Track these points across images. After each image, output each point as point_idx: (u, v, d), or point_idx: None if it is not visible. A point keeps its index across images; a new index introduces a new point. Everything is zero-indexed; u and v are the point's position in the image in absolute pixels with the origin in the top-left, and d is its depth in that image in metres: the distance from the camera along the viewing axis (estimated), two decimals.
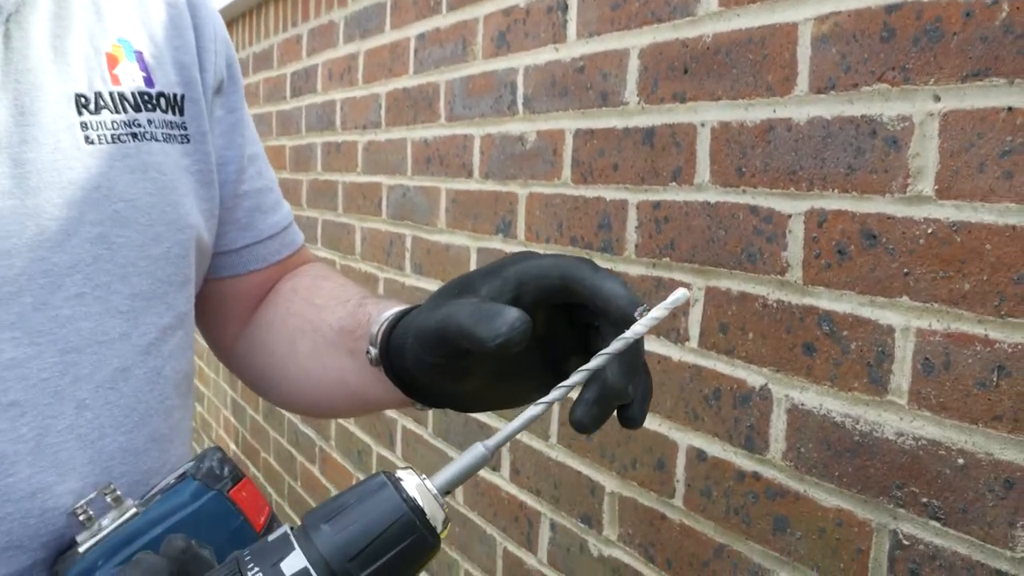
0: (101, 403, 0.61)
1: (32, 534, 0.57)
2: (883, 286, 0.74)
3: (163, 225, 0.65)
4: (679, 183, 0.95)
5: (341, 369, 0.70)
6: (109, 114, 0.63)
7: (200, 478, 0.58)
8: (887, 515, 0.74)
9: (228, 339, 0.83)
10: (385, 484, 0.43)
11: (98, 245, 0.61)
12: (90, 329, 0.60)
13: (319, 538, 0.42)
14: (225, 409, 2.91)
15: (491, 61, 1.30)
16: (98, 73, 0.63)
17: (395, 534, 0.42)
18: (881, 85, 0.73)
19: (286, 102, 2.23)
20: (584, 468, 1.12)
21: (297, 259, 0.83)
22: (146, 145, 0.65)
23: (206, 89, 0.72)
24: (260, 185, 0.79)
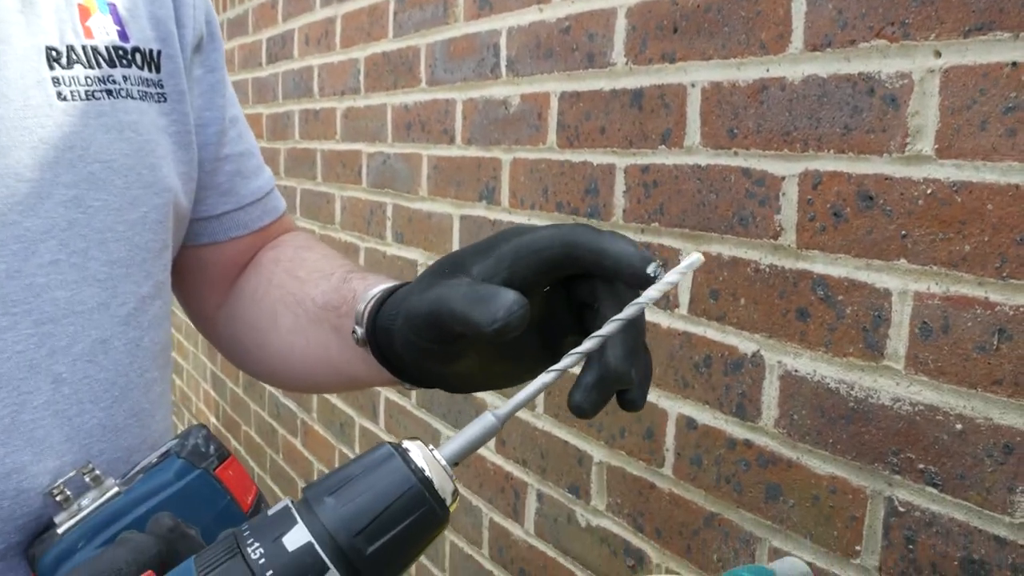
0: (79, 377, 0.58)
1: (6, 516, 0.55)
2: (880, 249, 0.72)
3: (140, 188, 0.62)
4: (668, 146, 0.93)
5: (325, 345, 0.67)
6: (82, 69, 0.59)
7: (185, 456, 0.56)
8: (882, 482, 0.73)
9: (208, 309, 0.80)
10: (392, 455, 0.40)
11: (73, 209, 0.58)
12: (66, 298, 0.57)
13: (323, 511, 0.39)
14: (205, 382, 2.87)
15: (473, 23, 1.27)
16: (69, 25, 0.59)
17: (404, 506, 0.39)
18: (879, 41, 0.71)
19: (262, 69, 2.18)
20: (571, 438, 1.11)
21: (279, 227, 0.80)
22: (121, 103, 0.61)
23: (184, 46, 0.68)
24: (241, 149, 0.75)
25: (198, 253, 0.76)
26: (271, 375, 0.77)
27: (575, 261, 0.47)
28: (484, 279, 0.49)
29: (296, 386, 0.78)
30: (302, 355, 0.70)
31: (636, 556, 1.01)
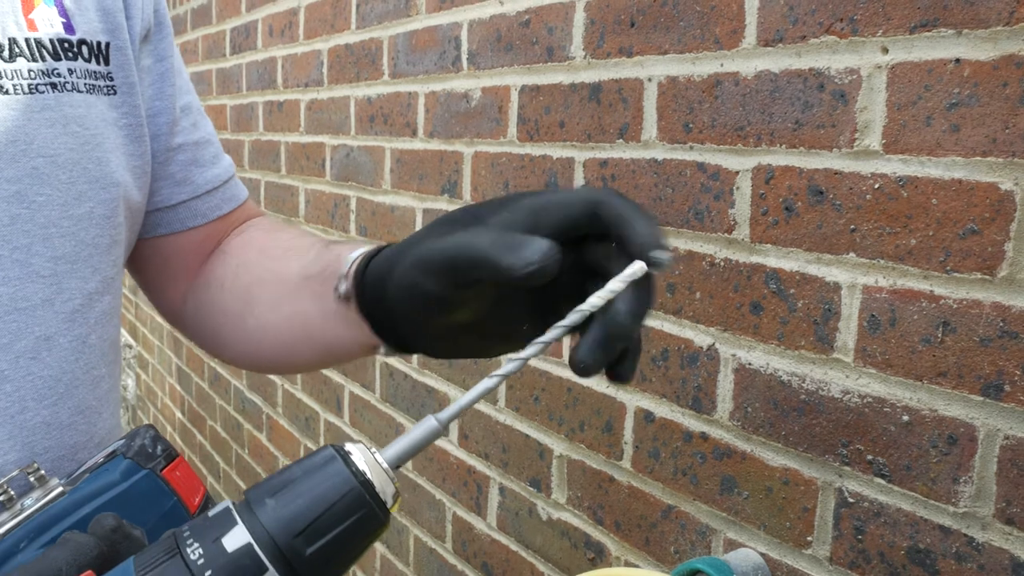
0: (22, 374, 0.58)
1: None
2: (830, 243, 0.73)
3: (86, 183, 0.61)
4: (626, 140, 0.93)
5: (304, 315, 0.65)
6: (25, 62, 0.58)
7: (132, 456, 0.55)
8: (833, 473, 0.74)
9: (175, 300, 0.79)
10: (333, 457, 0.41)
11: (15, 204, 0.57)
12: (9, 295, 0.57)
13: (263, 512, 0.39)
14: (170, 377, 2.85)
15: (435, 15, 1.26)
16: (12, 17, 0.58)
17: (343, 508, 0.40)
18: (829, 37, 0.72)
19: (226, 59, 2.16)
20: (532, 431, 1.11)
21: (241, 214, 0.79)
22: (67, 96, 0.60)
23: (133, 37, 0.67)
24: (196, 137, 0.74)
25: (158, 244, 0.75)
26: (246, 358, 0.76)
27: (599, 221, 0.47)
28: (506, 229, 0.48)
29: (272, 366, 0.77)
30: (276, 331, 0.69)
31: (596, 549, 1.02)
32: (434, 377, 1.34)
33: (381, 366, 1.50)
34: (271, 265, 0.70)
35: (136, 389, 3.38)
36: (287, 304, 0.68)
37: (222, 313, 0.74)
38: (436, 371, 1.34)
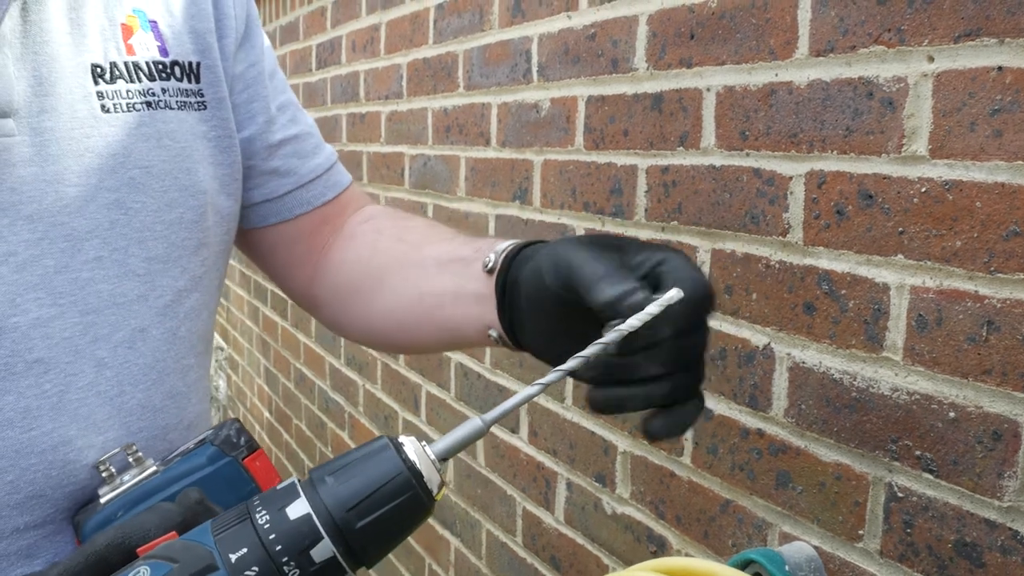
0: (120, 361, 0.65)
1: (55, 484, 0.61)
2: (879, 245, 0.75)
3: (177, 191, 0.68)
4: (686, 147, 0.96)
5: (439, 295, 0.72)
6: (124, 83, 0.66)
7: (218, 444, 0.62)
8: (883, 468, 0.76)
9: (302, 284, 0.85)
10: (387, 446, 0.46)
11: (115, 210, 0.64)
12: (108, 291, 0.64)
13: (323, 488, 0.45)
14: (259, 378, 2.97)
15: (507, 30, 1.32)
16: (113, 44, 0.66)
17: (392, 490, 0.45)
18: (877, 47, 0.74)
19: (312, 74, 2.26)
20: (597, 428, 1.15)
21: (347, 198, 0.85)
22: (160, 113, 0.67)
23: (225, 54, 0.74)
24: (295, 132, 0.81)
25: (274, 233, 0.81)
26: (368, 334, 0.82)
27: None
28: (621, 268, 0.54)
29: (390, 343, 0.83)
30: (408, 310, 0.75)
31: (658, 542, 1.05)
32: (505, 377, 1.40)
33: (456, 366, 1.56)
34: (407, 250, 0.76)
35: (227, 390, 3.53)
36: (425, 285, 0.73)
37: (355, 291, 0.80)
38: (507, 371, 1.39)
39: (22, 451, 0.60)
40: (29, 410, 0.60)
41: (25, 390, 0.60)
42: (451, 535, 1.61)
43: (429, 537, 1.70)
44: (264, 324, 2.82)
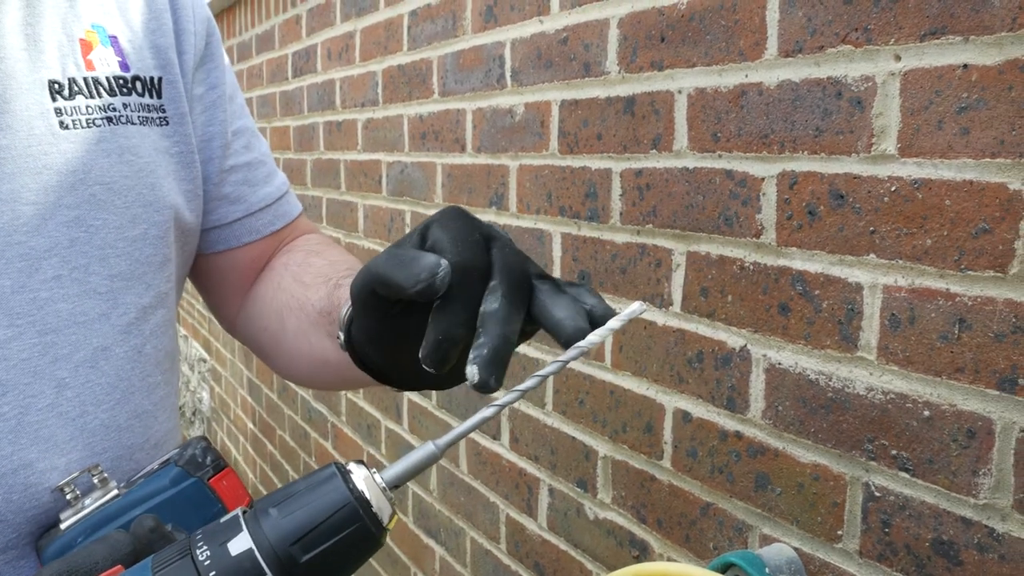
0: (82, 382, 0.63)
1: (16, 509, 0.60)
2: (851, 245, 0.75)
3: (140, 207, 0.67)
4: (659, 150, 0.96)
5: (324, 349, 0.71)
6: (83, 99, 0.65)
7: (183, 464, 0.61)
8: (860, 468, 0.76)
9: (231, 312, 0.85)
10: (334, 475, 0.44)
11: (75, 228, 0.63)
12: (68, 310, 0.63)
13: (266, 521, 0.44)
14: (242, 389, 2.96)
15: (480, 35, 1.31)
16: (71, 59, 0.65)
17: (338, 522, 0.43)
18: (845, 46, 0.74)
19: (288, 82, 2.25)
20: (578, 433, 1.15)
21: (292, 230, 0.84)
22: (122, 128, 0.66)
23: (185, 71, 0.73)
24: (249, 159, 0.80)
25: (216, 260, 0.81)
26: (285, 373, 0.82)
27: None
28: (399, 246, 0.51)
29: (309, 384, 0.83)
30: (307, 357, 0.75)
31: (640, 547, 1.05)
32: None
33: None
34: (299, 292, 0.74)
35: (211, 401, 3.50)
36: (311, 334, 0.72)
37: (263, 330, 0.80)
38: None
39: None
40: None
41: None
42: (436, 543, 1.60)
43: (414, 546, 1.69)
44: None
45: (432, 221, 0.51)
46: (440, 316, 0.47)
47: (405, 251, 0.49)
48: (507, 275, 0.48)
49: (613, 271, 1.05)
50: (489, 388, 0.46)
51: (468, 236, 0.49)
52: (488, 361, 0.46)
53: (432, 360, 0.47)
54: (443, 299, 0.47)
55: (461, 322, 0.47)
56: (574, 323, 0.47)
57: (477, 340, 0.47)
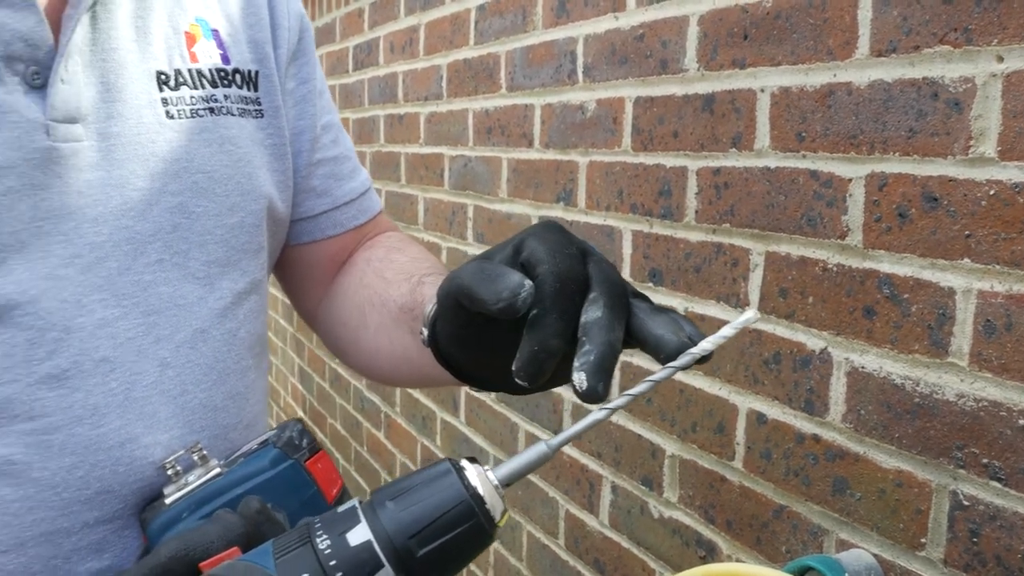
0: (182, 362, 0.65)
1: (122, 481, 0.62)
2: (944, 248, 0.74)
3: (238, 195, 0.69)
4: (739, 149, 0.95)
5: (404, 346, 0.72)
6: (188, 90, 0.66)
7: (280, 446, 0.62)
8: (947, 476, 0.75)
9: (311, 304, 0.86)
10: (450, 471, 0.45)
11: (177, 214, 0.65)
12: (169, 293, 0.64)
13: (384, 514, 0.44)
14: (292, 377, 2.99)
15: (551, 31, 1.31)
16: (177, 51, 0.67)
17: (454, 518, 0.44)
18: (943, 47, 0.73)
19: (348, 75, 2.27)
20: (645, 431, 1.14)
21: (374, 226, 0.85)
22: (223, 119, 0.68)
23: (279, 65, 0.75)
24: (335, 153, 0.81)
25: (300, 252, 0.82)
26: (364, 369, 0.83)
27: None
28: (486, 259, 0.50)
29: (385, 380, 0.83)
30: (388, 354, 0.76)
31: (707, 547, 1.04)
32: None
33: None
34: (381, 288, 0.75)
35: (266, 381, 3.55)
36: (393, 331, 0.73)
37: (343, 324, 0.81)
38: None
39: (91, 447, 0.60)
40: (97, 407, 0.61)
41: (93, 388, 0.60)
42: None
43: None
44: (298, 324, 2.84)
45: (528, 234, 0.51)
46: (537, 327, 0.47)
47: (493, 266, 0.48)
48: (607, 287, 0.48)
49: (686, 270, 1.05)
50: (597, 396, 0.45)
51: (565, 248, 0.49)
52: (596, 368, 0.45)
53: (527, 373, 0.47)
54: (540, 310, 0.47)
55: (558, 333, 0.47)
56: (677, 338, 0.47)
57: (582, 348, 0.46)
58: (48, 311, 0.59)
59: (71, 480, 0.60)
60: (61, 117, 0.59)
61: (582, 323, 0.47)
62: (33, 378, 0.58)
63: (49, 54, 0.59)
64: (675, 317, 0.49)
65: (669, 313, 0.49)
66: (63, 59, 0.59)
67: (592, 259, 0.50)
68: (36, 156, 0.58)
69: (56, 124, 0.59)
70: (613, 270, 0.50)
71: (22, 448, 0.58)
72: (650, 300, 0.50)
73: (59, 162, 0.59)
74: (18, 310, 0.58)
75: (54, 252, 0.59)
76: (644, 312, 0.49)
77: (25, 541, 0.59)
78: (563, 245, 0.49)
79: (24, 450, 0.58)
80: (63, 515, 0.60)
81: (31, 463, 0.58)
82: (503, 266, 0.48)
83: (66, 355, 0.59)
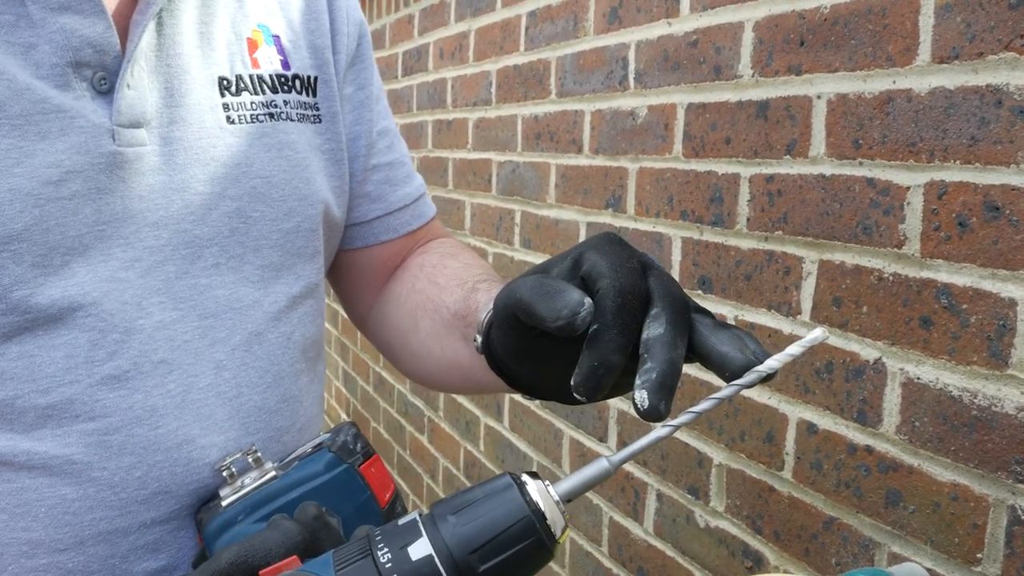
0: (238, 364, 0.66)
1: (179, 482, 0.62)
2: (1006, 259, 0.72)
3: (295, 200, 0.69)
4: (793, 156, 0.95)
5: (456, 352, 0.72)
6: (249, 95, 0.67)
7: (335, 451, 0.62)
8: (1005, 490, 0.73)
9: (362, 309, 0.87)
10: (511, 485, 0.45)
11: (235, 219, 0.66)
12: (225, 297, 0.65)
13: (445, 528, 0.44)
14: (336, 380, 3.02)
15: (602, 37, 1.31)
16: (239, 57, 0.68)
17: (516, 534, 0.43)
18: (1008, 54, 0.72)
19: (397, 81, 2.29)
20: (691, 440, 1.14)
21: (427, 232, 0.86)
22: (282, 124, 0.69)
23: (338, 71, 0.75)
24: (391, 159, 0.82)
25: (353, 256, 0.83)
26: (412, 374, 0.83)
27: None
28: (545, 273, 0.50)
29: (434, 386, 0.83)
30: (438, 359, 0.76)
31: (754, 558, 1.03)
32: None
33: None
34: (434, 293, 0.75)
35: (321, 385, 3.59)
36: (444, 336, 0.73)
37: (395, 328, 0.81)
38: None
39: (150, 448, 0.61)
40: (156, 409, 0.61)
41: (151, 389, 0.61)
42: None
43: None
44: (343, 327, 2.86)
45: (588, 246, 0.50)
46: (597, 343, 0.46)
47: (552, 281, 0.48)
48: (669, 302, 0.48)
49: (737, 277, 1.04)
50: (659, 415, 0.45)
51: (626, 262, 0.48)
52: (658, 387, 0.45)
53: (585, 388, 0.46)
54: (601, 325, 0.46)
55: (618, 348, 0.46)
56: (743, 355, 0.46)
57: (644, 365, 0.46)
58: (109, 313, 0.60)
59: (130, 480, 0.61)
60: (126, 122, 0.60)
61: (644, 339, 0.46)
62: (94, 379, 0.59)
63: (116, 60, 0.60)
64: (739, 333, 0.48)
65: (732, 329, 0.48)
66: (130, 65, 0.60)
67: (653, 273, 0.49)
68: (102, 161, 0.59)
69: (122, 129, 0.60)
70: (675, 284, 0.49)
71: (83, 448, 0.59)
72: (712, 315, 0.50)
73: (123, 167, 0.60)
74: (80, 312, 0.59)
75: (115, 255, 0.60)
76: (707, 328, 0.48)
77: (84, 540, 0.60)
78: (624, 259, 0.49)
79: (85, 450, 0.59)
80: (121, 515, 0.61)
81: (91, 463, 0.60)
82: (563, 282, 0.48)
83: (126, 357, 0.60)
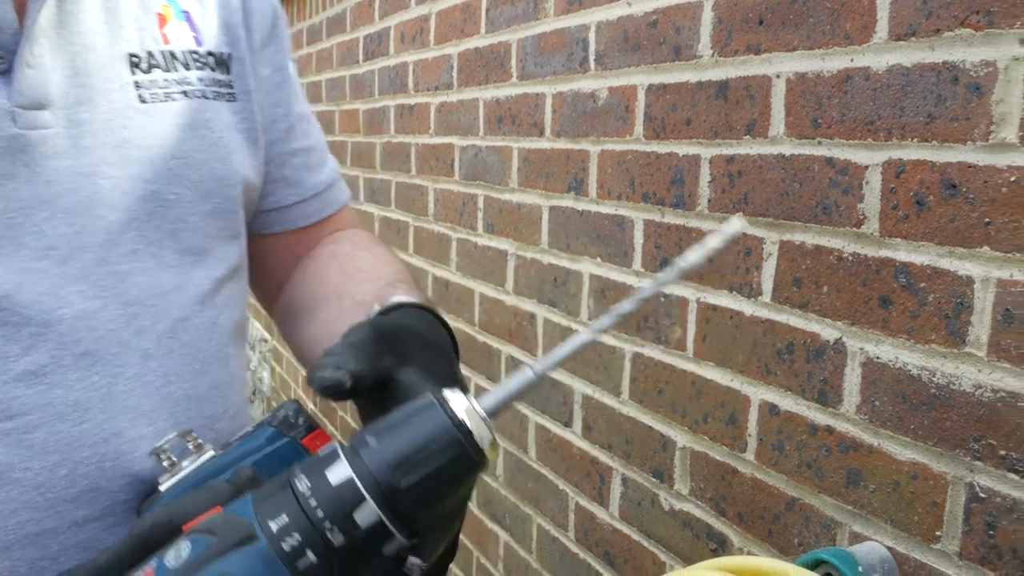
0: (164, 352, 0.64)
1: (110, 477, 0.60)
2: (963, 236, 0.72)
3: (213, 181, 0.67)
4: (753, 136, 0.94)
5: None
6: (161, 73, 0.64)
7: (276, 425, 0.61)
8: (963, 468, 0.73)
9: (270, 293, 0.84)
10: (432, 403, 0.44)
11: (152, 202, 0.63)
12: (147, 283, 0.63)
13: (365, 451, 0.43)
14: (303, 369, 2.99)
15: (563, 18, 1.30)
16: (149, 33, 0.65)
17: (440, 449, 0.43)
18: (964, 30, 0.72)
19: (359, 66, 2.26)
20: (655, 423, 1.13)
21: (339, 218, 0.84)
22: (196, 103, 0.66)
23: (252, 48, 0.73)
24: (308, 143, 0.80)
25: (268, 242, 0.80)
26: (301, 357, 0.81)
27: None
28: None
29: None
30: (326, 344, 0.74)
31: (718, 540, 1.03)
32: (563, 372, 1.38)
33: (507, 359, 1.54)
34: (341, 281, 0.74)
35: (271, 381, 3.55)
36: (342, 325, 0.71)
37: (295, 314, 0.79)
38: None
39: (74, 444, 0.59)
40: (79, 403, 0.59)
41: (74, 383, 0.59)
42: (500, 529, 1.60)
43: (478, 530, 1.69)
44: None
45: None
46: None
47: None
48: None
49: None
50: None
51: None
52: None
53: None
54: None
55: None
56: None
57: None
58: (23, 306, 0.57)
59: (55, 479, 0.58)
60: (27, 103, 0.57)
61: None
62: (9, 376, 0.57)
63: (14, 37, 0.57)
64: None
65: None
66: (28, 42, 0.57)
67: None
68: (3, 145, 0.56)
69: (22, 111, 0.57)
70: None
71: (1, 449, 0.57)
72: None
73: (27, 150, 0.57)
74: None
75: (27, 244, 0.57)
76: None
77: (10, 544, 0.57)
78: None
79: (4, 451, 0.57)
80: (48, 515, 0.58)
81: (12, 464, 0.57)
82: None
83: (44, 350, 0.58)
